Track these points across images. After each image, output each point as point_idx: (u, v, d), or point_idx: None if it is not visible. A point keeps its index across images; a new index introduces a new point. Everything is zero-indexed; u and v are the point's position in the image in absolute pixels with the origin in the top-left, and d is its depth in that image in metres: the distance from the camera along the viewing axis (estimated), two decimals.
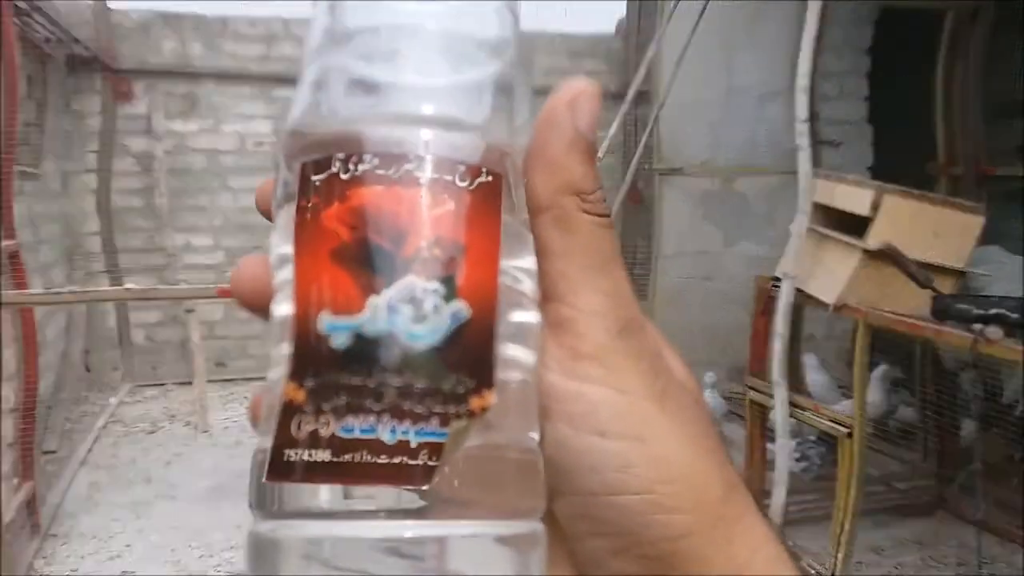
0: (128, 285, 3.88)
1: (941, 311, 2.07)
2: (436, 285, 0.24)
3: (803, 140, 2.28)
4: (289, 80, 5.20)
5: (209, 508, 3.04)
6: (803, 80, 2.25)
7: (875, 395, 3.15)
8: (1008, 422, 2.83)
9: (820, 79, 3.25)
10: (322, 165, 0.25)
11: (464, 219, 0.25)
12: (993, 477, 2.75)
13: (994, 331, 1.84)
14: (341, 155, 0.25)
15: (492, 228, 0.25)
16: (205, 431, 3.91)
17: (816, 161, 2.43)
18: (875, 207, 2.27)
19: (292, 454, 0.24)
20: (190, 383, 4.39)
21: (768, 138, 4.06)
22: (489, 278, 0.25)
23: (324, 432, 0.23)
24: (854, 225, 2.33)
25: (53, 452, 3.51)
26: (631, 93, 3.37)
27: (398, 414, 0.23)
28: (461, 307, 0.24)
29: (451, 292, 0.24)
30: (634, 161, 3.44)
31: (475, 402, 0.24)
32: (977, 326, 1.88)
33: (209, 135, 4.71)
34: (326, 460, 0.23)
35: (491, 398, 0.24)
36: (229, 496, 3.14)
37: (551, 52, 4.93)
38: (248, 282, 0.29)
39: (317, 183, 0.25)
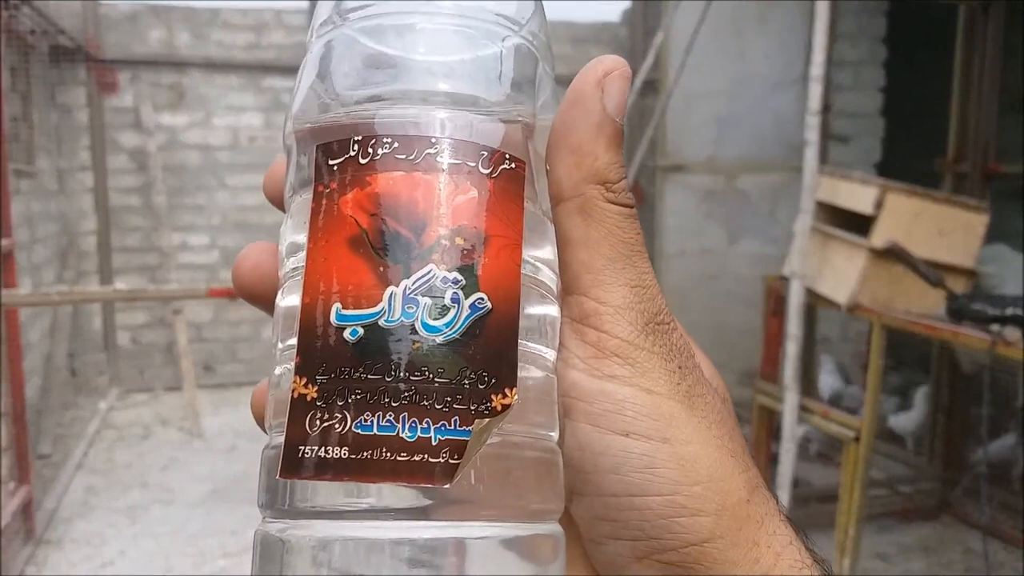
0: (117, 285, 3.84)
1: (957, 311, 2.05)
2: (457, 275, 0.23)
3: (812, 134, 2.25)
4: (279, 68, 5.18)
5: (205, 513, 3.01)
6: (817, 69, 2.21)
7: (918, 413, 3.14)
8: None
9: (835, 68, 3.20)
10: (338, 149, 0.24)
11: (487, 208, 0.24)
12: (998, 481, 2.72)
13: (1012, 332, 1.81)
14: (359, 138, 0.24)
15: (515, 217, 0.24)
16: (199, 436, 3.88)
17: (823, 157, 2.40)
18: (879, 205, 2.24)
19: (307, 451, 0.23)
20: (178, 388, 4.35)
21: (775, 133, 4.02)
22: (512, 270, 0.24)
23: (340, 428, 0.23)
24: (858, 223, 2.30)
25: (47, 456, 3.48)
26: (638, 82, 3.32)
27: (418, 411, 0.23)
28: (483, 299, 0.23)
29: (473, 283, 0.23)
30: (638, 156, 3.40)
31: (497, 400, 0.23)
32: (995, 327, 1.85)
33: (200, 129, 4.67)
34: (343, 457, 0.22)
35: (513, 396, 0.23)
36: (225, 501, 3.11)
37: (554, 39, 4.85)
38: (250, 271, 0.28)
39: (334, 167, 0.24)
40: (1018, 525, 2.60)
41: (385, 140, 0.24)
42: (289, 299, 0.25)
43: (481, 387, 0.23)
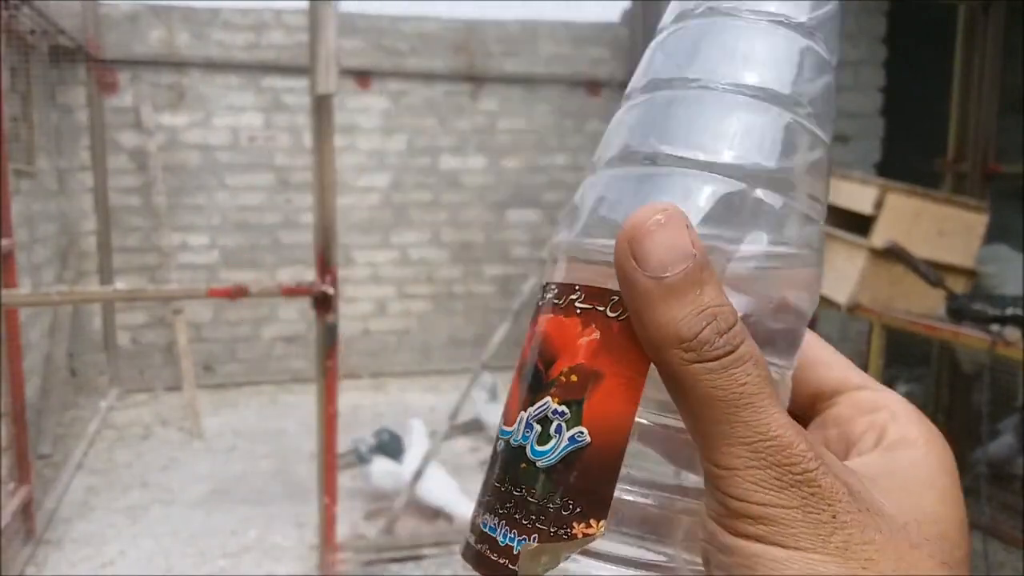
0: (117, 285, 3.84)
1: (957, 311, 2.04)
2: (564, 408, 0.26)
3: None
4: (279, 68, 5.13)
5: (205, 513, 3.01)
6: None
7: (1007, 443, 3.04)
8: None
9: None
10: (542, 289, 0.29)
11: (606, 348, 0.26)
12: (998, 481, 2.72)
13: (1012, 332, 1.80)
14: (543, 283, 0.29)
15: (635, 356, 0.25)
16: (199, 436, 3.87)
17: None
18: (879, 205, 2.24)
19: (470, 536, 0.28)
20: (178, 388, 4.35)
21: None
22: (622, 409, 0.25)
23: (477, 520, 0.28)
24: (858, 223, 2.30)
25: (48, 456, 3.48)
26: None
27: (512, 522, 0.26)
28: (582, 433, 0.25)
29: (576, 417, 0.26)
30: None
31: (579, 528, 0.25)
32: (995, 327, 1.85)
33: (200, 129, 4.67)
34: (473, 545, 0.27)
35: (599, 528, 0.25)
36: (225, 501, 3.11)
37: (554, 40, 4.87)
38: None
39: (537, 304, 0.29)
40: (1018, 525, 2.60)
41: (551, 287, 0.28)
42: None
43: (565, 513, 0.25)
